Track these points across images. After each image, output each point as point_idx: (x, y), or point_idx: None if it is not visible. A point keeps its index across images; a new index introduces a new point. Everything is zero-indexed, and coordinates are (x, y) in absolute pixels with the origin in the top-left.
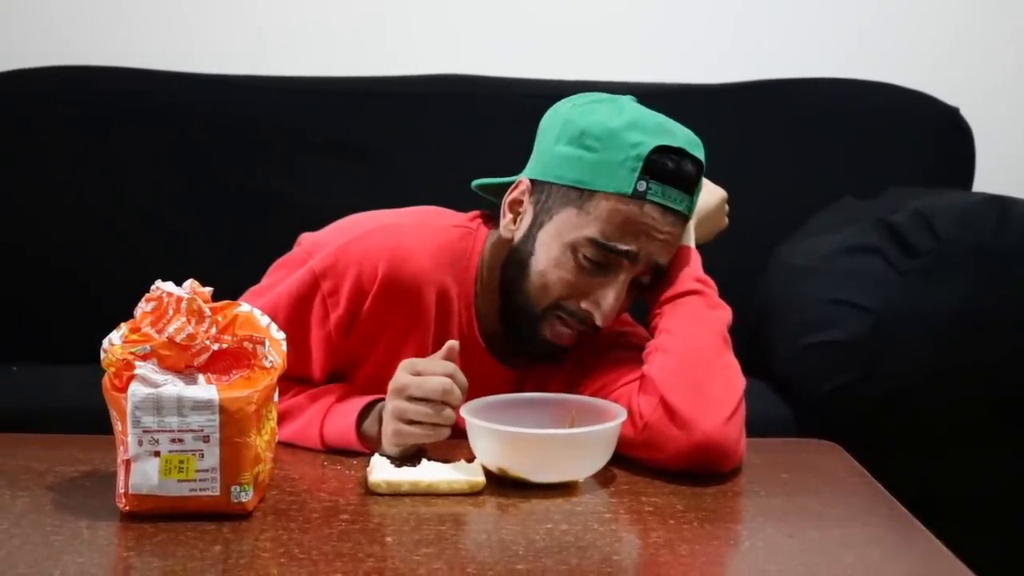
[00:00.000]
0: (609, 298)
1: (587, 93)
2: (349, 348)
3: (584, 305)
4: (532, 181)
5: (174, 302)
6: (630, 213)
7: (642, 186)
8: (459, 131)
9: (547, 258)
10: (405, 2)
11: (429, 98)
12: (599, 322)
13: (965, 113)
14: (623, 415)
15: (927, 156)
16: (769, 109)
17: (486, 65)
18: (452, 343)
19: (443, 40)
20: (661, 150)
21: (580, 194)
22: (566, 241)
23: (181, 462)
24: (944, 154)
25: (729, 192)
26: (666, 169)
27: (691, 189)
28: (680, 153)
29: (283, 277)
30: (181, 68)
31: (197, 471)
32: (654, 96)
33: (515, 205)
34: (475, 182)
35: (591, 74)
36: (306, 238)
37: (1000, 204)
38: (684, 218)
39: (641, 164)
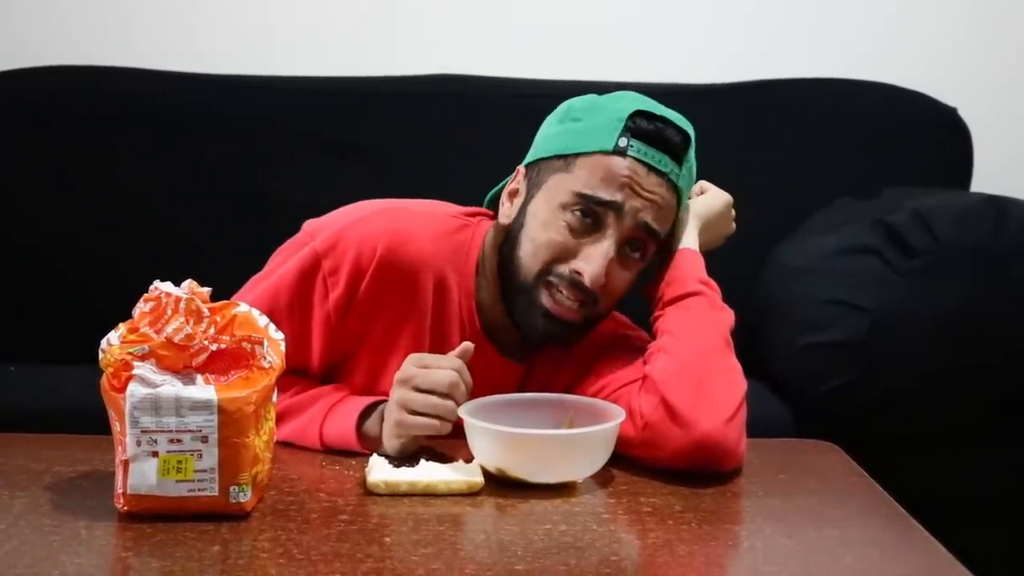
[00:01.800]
0: (596, 255)
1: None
2: (346, 331)
3: (573, 265)
4: (526, 166)
5: (172, 302)
6: (612, 164)
7: (623, 142)
8: (460, 131)
9: (537, 223)
10: (405, 3)
11: (430, 98)
12: (587, 281)
13: (963, 113)
14: (622, 416)
15: (925, 156)
16: (766, 109)
17: (487, 65)
18: (468, 344)
19: (443, 40)
20: (643, 114)
21: (565, 160)
22: (554, 204)
23: (179, 462)
24: (942, 154)
25: (728, 192)
26: (648, 130)
27: (677, 155)
28: (663, 120)
29: (287, 259)
30: (183, 68)
31: (195, 471)
32: (658, 95)
33: (512, 194)
34: (487, 198)
35: (590, 74)
36: (310, 223)
37: (998, 205)
38: (672, 184)
39: (622, 124)
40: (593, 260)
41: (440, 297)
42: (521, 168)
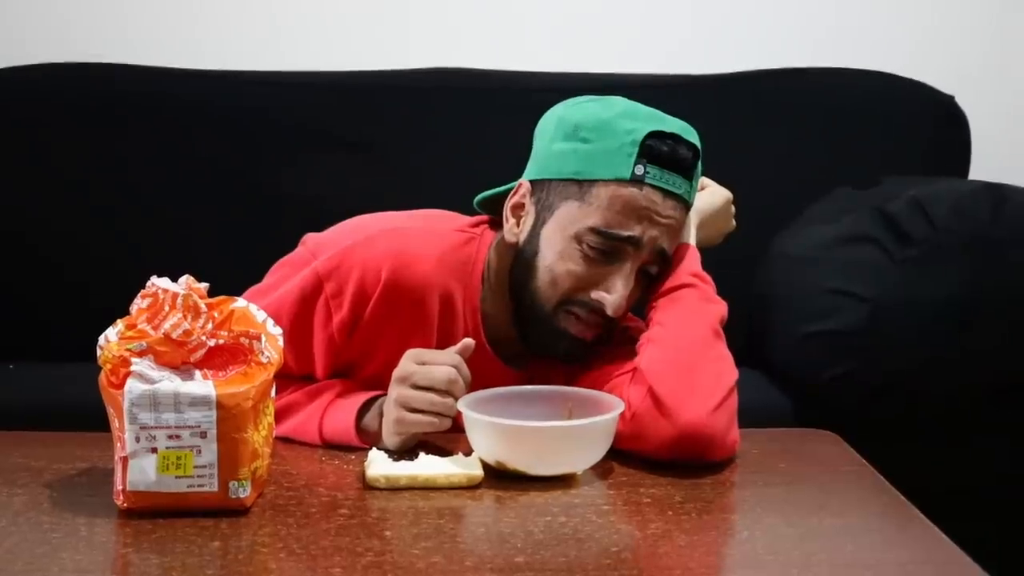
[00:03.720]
0: (617, 286)
1: (578, 96)
2: (351, 350)
3: (593, 295)
4: (532, 182)
5: (170, 298)
6: (630, 197)
7: (639, 170)
8: (464, 125)
9: (552, 252)
10: None
11: (433, 92)
12: (609, 311)
13: (960, 101)
14: (621, 407)
15: (922, 145)
16: (764, 99)
17: (489, 59)
18: (468, 340)
19: (447, 34)
20: (656, 135)
21: (579, 186)
22: (569, 233)
23: (178, 458)
24: (939, 142)
25: (724, 184)
26: (662, 153)
27: (689, 174)
28: (675, 138)
29: (287, 276)
30: (185, 64)
31: (195, 467)
32: (651, 87)
33: (517, 209)
34: (477, 199)
35: (590, 66)
36: (311, 238)
37: (995, 192)
38: (685, 203)
39: (637, 149)
40: (614, 291)
41: (446, 314)
42: (525, 183)
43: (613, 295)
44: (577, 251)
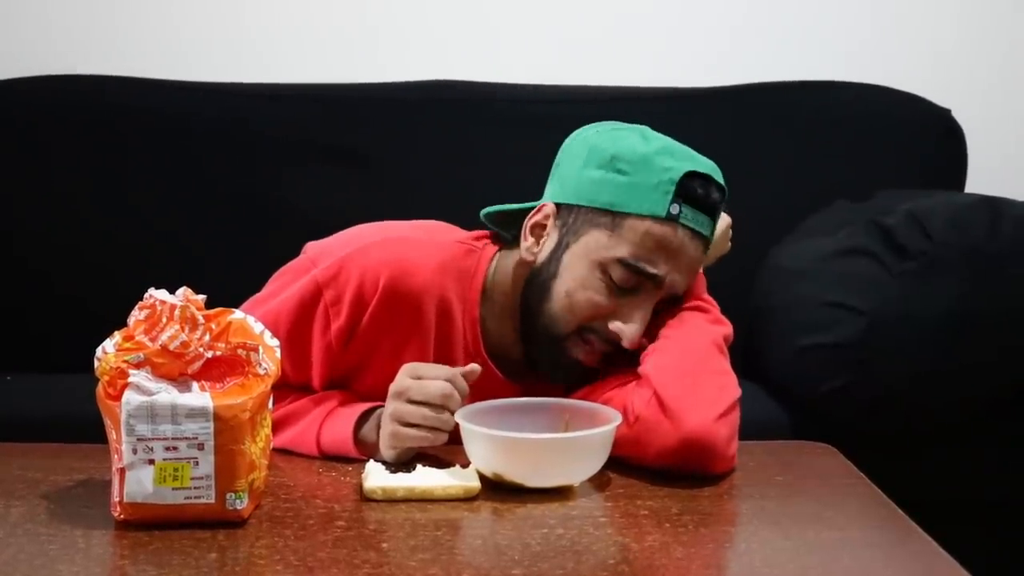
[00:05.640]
0: (636, 319)
1: (603, 122)
2: (348, 358)
3: (611, 326)
4: (557, 205)
5: (167, 310)
6: (663, 235)
7: (675, 209)
8: (456, 137)
9: (573, 278)
10: (402, 8)
11: (426, 104)
12: (626, 343)
13: (957, 115)
14: (618, 419)
15: (919, 158)
16: (761, 112)
17: (483, 71)
18: (474, 366)
19: (440, 46)
20: (692, 175)
21: (612, 217)
22: (593, 260)
23: (176, 470)
24: (936, 156)
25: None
26: (696, 194)
27: (715, 215)
28: (707, 179)
29: (287, 284)
30: (177, 76)
31: (192, 479)
32: (649, 100)
33: (537, 229)
34: (484, 211)
35: (588, 79)
36: (311, 247)
37: (992, 205)
38: (707, 244)
39: (674, 188)
40: (632, 325)
41: (443, 323)
42: (550, 204)
43: (631, 328)
44: (599, 280)
